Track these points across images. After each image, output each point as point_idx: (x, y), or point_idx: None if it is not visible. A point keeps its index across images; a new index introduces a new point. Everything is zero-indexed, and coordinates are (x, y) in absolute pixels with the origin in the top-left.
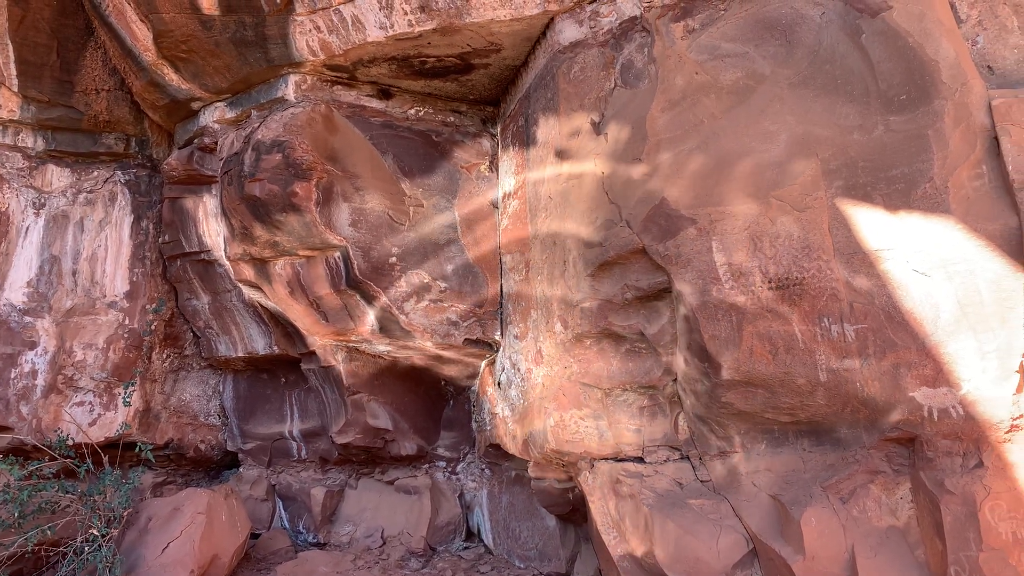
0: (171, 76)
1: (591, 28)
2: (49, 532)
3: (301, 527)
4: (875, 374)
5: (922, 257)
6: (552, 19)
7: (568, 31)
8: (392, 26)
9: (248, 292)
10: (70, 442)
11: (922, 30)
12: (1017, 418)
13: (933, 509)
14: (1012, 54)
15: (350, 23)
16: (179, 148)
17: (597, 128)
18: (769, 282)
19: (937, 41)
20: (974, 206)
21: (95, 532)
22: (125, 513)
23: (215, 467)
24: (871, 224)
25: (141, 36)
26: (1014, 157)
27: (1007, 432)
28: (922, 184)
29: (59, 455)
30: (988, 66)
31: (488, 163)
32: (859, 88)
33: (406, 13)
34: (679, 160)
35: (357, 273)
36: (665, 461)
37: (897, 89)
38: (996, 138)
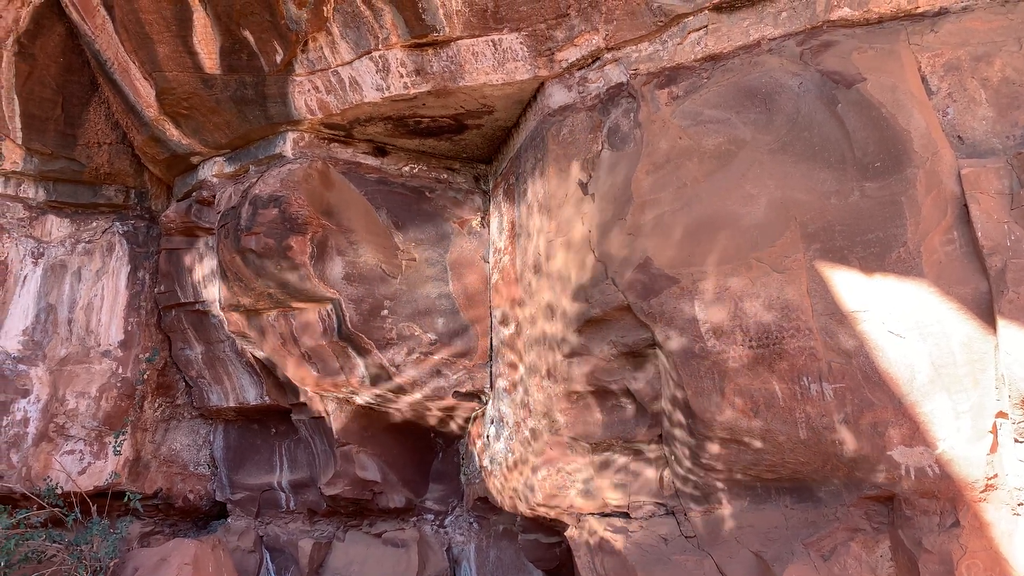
0: (172, 131)
1: (580, 93)
2: None
3: None
4: (853, 433)
5: (897, 319)
6: (542, 84)
7: (558, 95)
8: (388, 88)
9: (241, 343)
10: (59, 491)
11: (895, 101)
12: (992, 477)
13: (911, 568)
14: (980, 125)
15: (348, 84)
16: (177, 201)
17: (585, 188)
18: (750, 341)
19: (909, 112)
20: (946, 270)
21: None
22: (111, 563)
23: (203, 517)
24: (848, 286)
25: (144, 93)
26: (983, 224)
27: (982, 491)
28: (896, 248)
29: (47, 504)
30: (958, 136)
31: (480, 219)
32: (836, 155)
33: (402, 76)
34: (663, 221)
35: (349, 326)
36: (651, 516)
37: (872, 157)
38: (966, 205)
